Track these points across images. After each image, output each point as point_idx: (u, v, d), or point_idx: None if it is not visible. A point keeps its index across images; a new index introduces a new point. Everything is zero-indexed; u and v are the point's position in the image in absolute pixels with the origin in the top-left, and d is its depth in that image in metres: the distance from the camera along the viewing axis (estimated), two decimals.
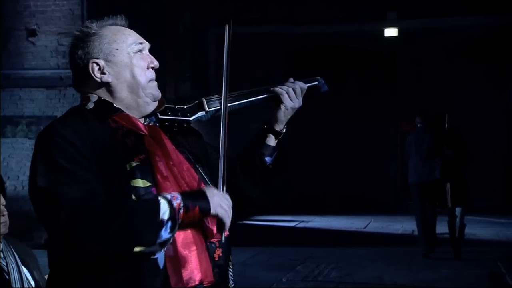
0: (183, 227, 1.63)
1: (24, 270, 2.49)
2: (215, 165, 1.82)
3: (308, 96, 2.08)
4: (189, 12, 11.74)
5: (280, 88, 2.00)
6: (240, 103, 1.95)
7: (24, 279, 2.47)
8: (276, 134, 2.00)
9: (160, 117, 1.84)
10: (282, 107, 1.99)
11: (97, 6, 9.99)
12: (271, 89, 2.00)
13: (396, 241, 9.28)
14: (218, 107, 1.89)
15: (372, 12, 12.10)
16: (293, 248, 8.30)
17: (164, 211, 1.58)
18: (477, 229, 10.13)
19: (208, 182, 1.79)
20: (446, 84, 13.40)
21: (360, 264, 7.26)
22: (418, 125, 8.28)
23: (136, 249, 1.55)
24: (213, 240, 1.71)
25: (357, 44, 13.45)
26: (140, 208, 1.61)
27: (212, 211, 1.65)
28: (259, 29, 12.39)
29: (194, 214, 1.63)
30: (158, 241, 1.57)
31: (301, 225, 10.77)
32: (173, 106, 1.87)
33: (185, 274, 1.63)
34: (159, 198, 1.61)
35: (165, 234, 1.58)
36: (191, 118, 1.87)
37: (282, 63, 13.00)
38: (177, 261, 1.64)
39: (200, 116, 1.88)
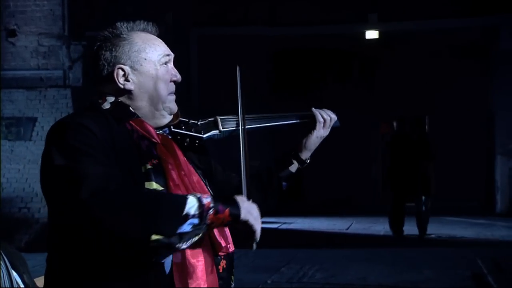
0: (210, 229, 1.60)
1: (14, 274, 2.46)
2: (218, 181, 1.86)
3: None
4: (171, 13, 11.69)
5: (319, 114, 2.02)
6: (261, 126, 1.95)
7: (14, 283, 2.43)
8: (301, 162, 2.02)
9: (173, 129, 1.83)
10: (314, 133, 2.01)
11: (78, 6, 9.90)
12: (308, 113, 2.02)
13: (379, 242, 9.33)
14: (233, 128, 1.89)
15: (354, 14, 12.16)
16: (277, 249, 8.29)
17: (191, 206, 1.54)
18: (458, 229, 10.23)
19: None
20: (427, 86, 13.53)
21: (344, 265, 7.28)
22: (395, 129, 9.93)
23: (154, 237, 1.49)
24: (220, 253, 1.71)
25: (338, 46, 13.51)
26: (166, 197, 1.60)
27: (242, 216, 1.61)
28: (240, 30, 12.38)
29: (224, 216, 1.59)
30: (179, 231, 1.51)
31: (283, 226, 10.77)
32: (187, 120, 1.86)
33: (191, 283, 1.62)
34: (188, 195, 1.59)
35: (187, 228, 1.53)
36: (204, 136, 1.86)
37: (263, 65, 13.00)
38: (184, 269, 1.62)
39: (213, 135, 1.88)
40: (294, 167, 2.01)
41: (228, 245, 1.74)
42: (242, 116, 1.85)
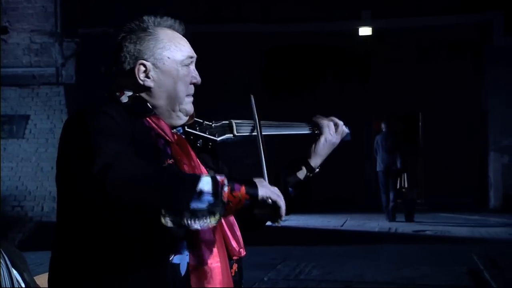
0: (229, 212, 1.52)
1: (14, 272, 2.42)
2: None
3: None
4: (163, 9, 11.64)
5: (323, 120, 2.00)
6: (273, 134, 1.92)
7: (15, 281, 2.39)
8: (310, 169, 1.97)
9: (187, 129, 1.80)
10: (322, 138, 1.97)
11: (71, 3, 9.83)
12: (313, 120, 2.00)
13: (374, 239, 9.34)
14: (248, 134, 1.86)
15: (347, 11, 12.15)
16: (272, 247, 8.26)
17: (206, 182, 1.47)
18: (451, 226, 10.26)
19: None
20: (420, 83, 13.54)
21: (340, 262, 7.27)
22: (383, 129, 11.52)
23: (165, 209, 1.43)
24: (234, 257, 1.69)
25: (331, 43, 13.50)
26: (180, 173, 1.57)
27: (260, 193, 1.53)
28: (234, 27, 12.34)
29: (241, 194, 1.50)
30: (192, 206, 1.45)
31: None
32: (201, 121, 1.83)
33: (208, 285, 1.59)
34: (202, 174, 1.55)
35: (201, 204, 1.46)
36: (218, 139, 1.83)
37: (257, 62, 12.99)
38: (201, 272, 1.59)
39: (227, 138, 1.85)
40: (302, 174, 1.96)
41: (240, 249, 1.72)
42: (263, 147, 1.81)
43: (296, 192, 1.95)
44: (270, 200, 1.54)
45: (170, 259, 1.57)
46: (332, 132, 1.98)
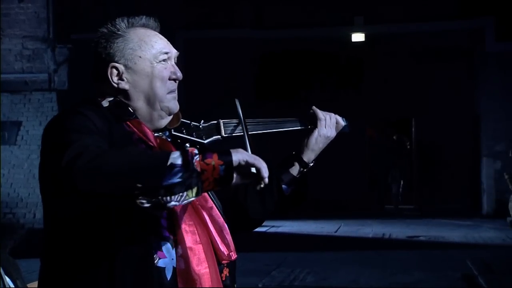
0: (206, 186, 1.43)
1: (7, 279, 2.39)
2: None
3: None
4: (156, 15, 11.62)
5: (317, 113, 1.95)
6: (263, 133, 1.88)
7: None
8: (303, 164, 1.91)
9: (173, 133, 1.75)
10: (315, 132, 1.92)
11: (64, 9, 9.80)
12: (310, 112, 1.95)
13: (368, 244, 9.33)
14: (236, 134, 1.81)
15: (340, 17, 12.17)
16: (266, 253, 8.25)
17: (176, 156, 1.41)
18: (445, 231, 10.25)
19: (215, 202, 1.72)
20: (413, 89, 13.57)
21: (335, 268, 7.25)
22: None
23: (138, 191, 1.37)
24: (223, 262, 1.65)
25: (324, 48, 13.51)
26: (149, 152, 1.54)
27: (235, 158, 1.44)
28: (226, 33, 12.33)
29: (214, 161, 1.42)
30: (165, 182, 1.38)
31: (272, 230, 10.73)
32: (188, 122, 1.78)
33: None
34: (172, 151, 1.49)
35: (175, 179, 1.38)
36: (205, 141, 1.78)
37: (250, 67, 12.98)
38: (189, 278, 1.56)
39: (215, 140, 1.81)
40: (295, 170, 1.90)
41: (230, 253, 1.68)
42: (250, 146, 1.75)
43: (290, 189, 1.89)
44: (247, 164, 1.45)
45: (155, 262, 1.53)
46: (327, 125, 1.93)
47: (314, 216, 12.01)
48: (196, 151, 1.43)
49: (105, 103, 1.67)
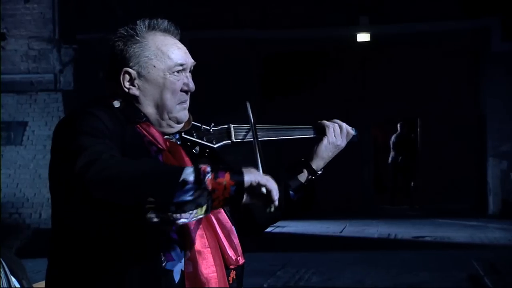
0: (216, 204, 1.43)
1: (13, 279, 2.40)
2: None
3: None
4: (162, 16, 11.63)
5: (326, 122, 1.95)
6: (274, 139, 1.88)
7: None
8: (311, 172, 1.91)
9: (183, 136, 1.75)
10: (325, 140, 1.92)
11: (69, 9, 9.83)
12: (318, 122, 1.95)
13: (373, 245, 9.31)
14: (246, 140, 1.81)
15: (345, 16, 12.15)
16: (271, 253, 8.24)
17: (188, 173, 1.39)
18: (450, 232, 10.22)
19: (225, 208, 1.72)
20: (418, 89, 13.54)
21: (340, 268, 7.24)
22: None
23: (149, 205, 1.37)
24: (231, 266, 1.66)
25: (330, 49, 13.50)
26: (162, 165, 1.54)
27: (247, 179, 1.43)
28: (231, 33, 12.34)
29: (226, 181, 1.41)
30: (176, 199, 1.37)
31: (277, 230, 10.72)
32: (199, 125, 1.78)
33: None
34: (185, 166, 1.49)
35: (186, 196, 1.38)
36: (215, 146, 1.78)
37: (254, 68, 12.97)
38: (197, 281, 1.57)
39: (225, 145, 1.80)
40: (303, 177, 1.90)
41: (238, 257, 1.69)
42: (260, 154, 1.74)
43: (297, 196, 1.90)
44: (259, 185, 1.45)
45: (163, 264, 1.54)
46: (337, 134, 1.94)
47: (319, 217, 11.99)
48: (208, 168, 1.42)
49: (116, 104, 1.67)
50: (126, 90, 1.66)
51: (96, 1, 10.03)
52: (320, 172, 1.94)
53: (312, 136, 1.95)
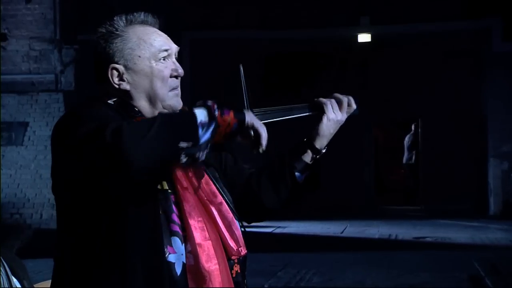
0: (217, 137, 1.53)
1: (14, 280, 2.40)
2: (228, 175, 1.80)
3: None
4: (163, 16, 11.64)
5: (323, 99, 1.92)
6: (271, 121, 1.85)
7: None
8: (315, 151, 1.87)
9: None
10: (324, 118, 1.88)
11: (70, 10, 9.83)
12: (315, 100, 1.93)
13: (374, 245, 9.31)
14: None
15: (346, 17, 12.16)
16: (272, 254, 8.24)
17: (200, 113, 1.50)
18: (451, 233, 10.22)
19: (225, 197, 1.72)
20: (419, 89, 13.53)
21: (341, 268, 7.24)
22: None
23: (182, 144, 1.45)
24: (233, 257, 1.65)
25: (331, 49, 13.50)
26: (174, 115, 1.61)
27: (247, 119, 1.58)
28: (232, 34, 12.35)
29: (230, 119, 1.54)
30: (202, 139, 1.49)
31: (278, 230, 10.73)
32: None
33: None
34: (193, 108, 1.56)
35: (206, 135, 1.49)
36: None
37: (255, 69, 12.97)
38: (199, 274, 1.57)
39: None
40: (308, 157, 1.86)
41: (240, 248, 1.67)
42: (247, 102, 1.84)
43: (303, 176, 1.86)
44: (253, 127, 1.59)
45: (166, 256, 1.54)
46: (336, 110, 1.90)
47: (320, 217, 12.00)
48: (215, 105, 1.53)
49: (111, 102, 1.67)
50: (117, 86, 1.65)
51: (97, 2, 10.04)
52: (324, 151, 1.90)
53: (309, 114, 1.92)
